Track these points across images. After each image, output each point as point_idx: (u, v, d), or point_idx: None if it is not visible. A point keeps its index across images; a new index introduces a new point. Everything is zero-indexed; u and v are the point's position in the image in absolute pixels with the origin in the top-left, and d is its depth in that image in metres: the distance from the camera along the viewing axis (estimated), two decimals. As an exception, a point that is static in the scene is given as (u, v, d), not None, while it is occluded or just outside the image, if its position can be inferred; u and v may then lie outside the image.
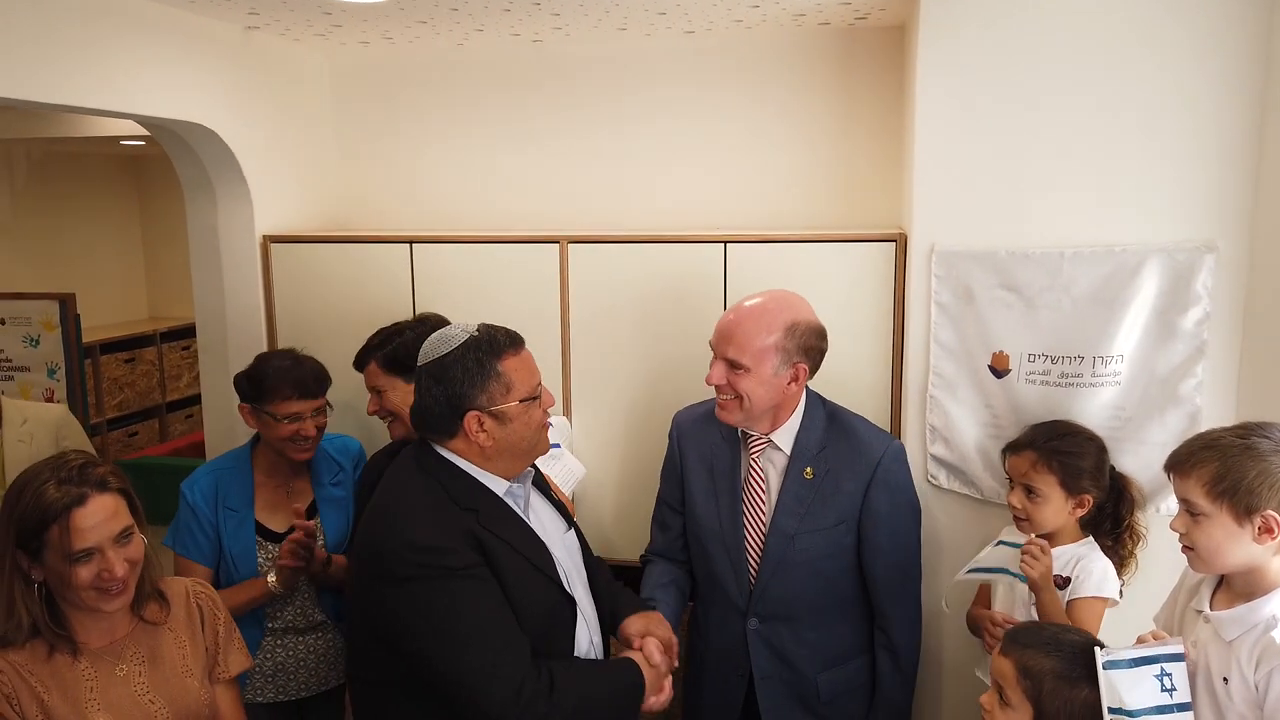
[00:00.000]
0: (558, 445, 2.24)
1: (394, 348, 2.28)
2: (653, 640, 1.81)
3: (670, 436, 2.21)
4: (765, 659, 2.05)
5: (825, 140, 2.85)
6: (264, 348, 2.90)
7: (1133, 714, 1.48)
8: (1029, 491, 2.00)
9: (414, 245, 2.78)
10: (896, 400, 2.47)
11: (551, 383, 2.03)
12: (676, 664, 1.85)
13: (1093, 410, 2.17)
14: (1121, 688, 1.48)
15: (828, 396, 2.42)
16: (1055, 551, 1.99)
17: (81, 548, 1.55)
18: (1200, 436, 1.59)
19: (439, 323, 2.38)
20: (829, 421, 2.07)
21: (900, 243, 2.43)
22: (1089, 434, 2.06)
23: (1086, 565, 1.96)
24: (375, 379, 2.31)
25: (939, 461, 2.36)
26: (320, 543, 2.27)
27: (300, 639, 2.31)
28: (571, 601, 1.75)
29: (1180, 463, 1.56)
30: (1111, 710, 1.48)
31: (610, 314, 2.67)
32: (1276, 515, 1.46)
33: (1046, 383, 2.20)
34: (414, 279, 2.78)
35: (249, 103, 2.81)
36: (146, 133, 3.58)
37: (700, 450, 2.13)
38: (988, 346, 2.26)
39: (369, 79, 3.15)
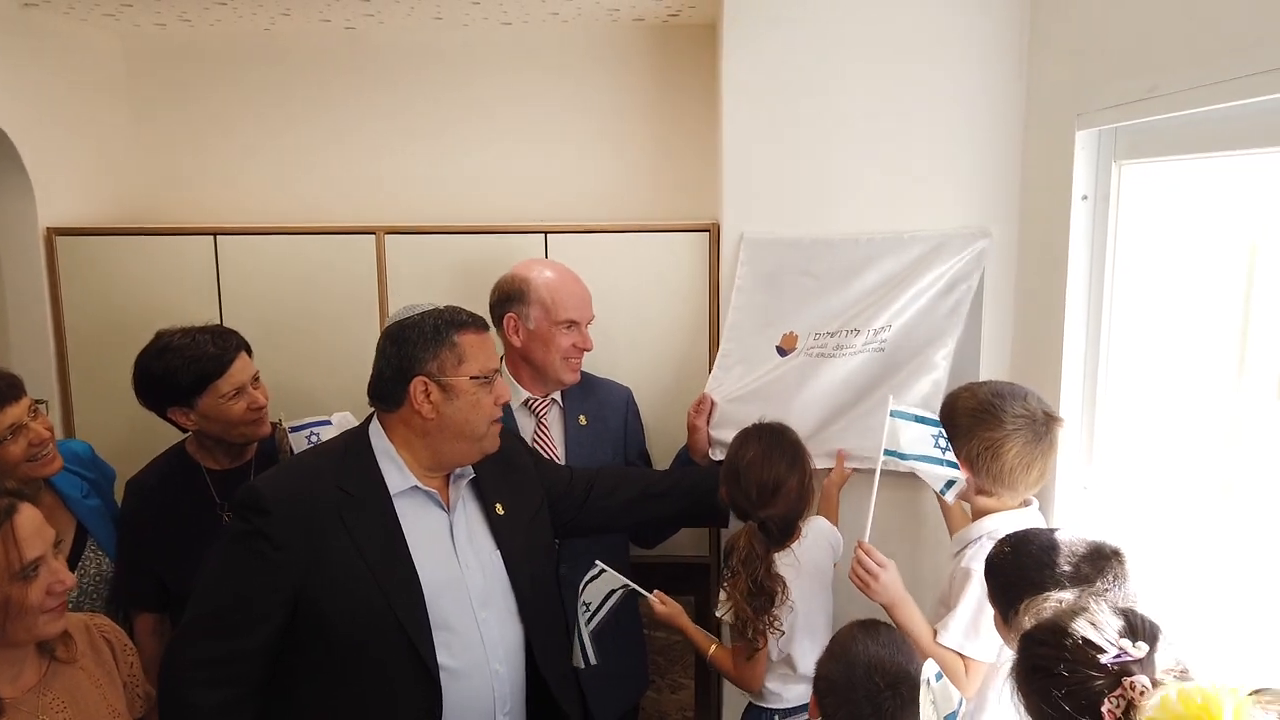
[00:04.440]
0: (328, 422, 2.19)
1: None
2: None
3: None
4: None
5: (643, 133, 2.91)
6: (51, 351, 2.69)
7: (904, 457, 1.74)
8: None
9: (218, 237, 2.64)
10: (713, 383, 2.55)
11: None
12: None
13: (856, 377, 2.22)
14: (901, 434, 1.74)
15: (650, 377, 2.49)
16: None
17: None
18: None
19: (173, 340, 2.10)
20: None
21: (714, 232, 2.51)
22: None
23: None
24: None
25: (719, 443, 2.28)
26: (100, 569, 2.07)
27: None
28: (403, 632, 1.64)
29: None
30: (887, 452, 1.74)
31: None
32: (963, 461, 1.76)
33: (822, 354, 2.25)
34: (219, 274, 2.65)
35: (27, 85, 2.59)
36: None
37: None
38: (781, 329, 2.32)
39: (168, 63, 2.97)
